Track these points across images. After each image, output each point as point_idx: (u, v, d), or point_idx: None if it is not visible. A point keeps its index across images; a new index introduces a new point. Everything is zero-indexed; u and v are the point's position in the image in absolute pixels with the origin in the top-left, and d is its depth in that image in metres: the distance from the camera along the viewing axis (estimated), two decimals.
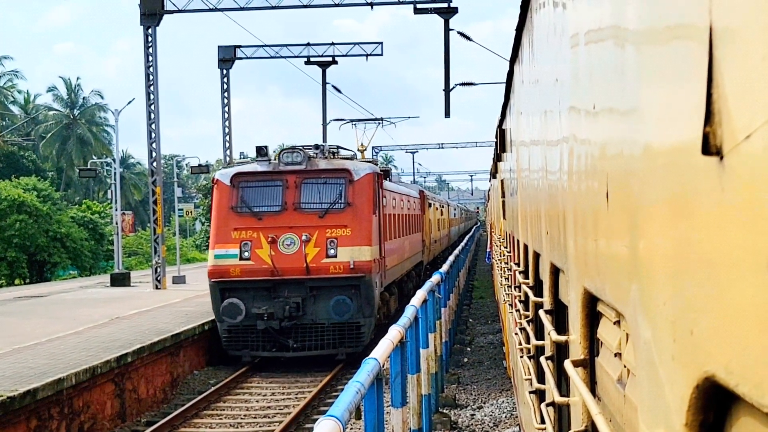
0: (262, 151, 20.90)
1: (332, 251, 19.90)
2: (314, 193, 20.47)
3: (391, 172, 31.24)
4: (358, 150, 29.47)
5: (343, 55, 41.66)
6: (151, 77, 31.85)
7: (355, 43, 41.58)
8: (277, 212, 20.23)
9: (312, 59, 42.10)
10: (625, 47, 1.75)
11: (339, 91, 42.24)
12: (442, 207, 52.45)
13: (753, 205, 0.96)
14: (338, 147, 23.03)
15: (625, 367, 2.11)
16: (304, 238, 19.79)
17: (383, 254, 21.94)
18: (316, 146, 21.57)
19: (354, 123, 32.86)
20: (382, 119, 35.65)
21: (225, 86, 40.68)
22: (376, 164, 25.72)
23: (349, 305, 19.87)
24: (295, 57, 41.33)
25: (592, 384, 2.65)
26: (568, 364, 2.63)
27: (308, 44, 41.56)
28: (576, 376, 2.46)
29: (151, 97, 31.82)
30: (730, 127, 1.02)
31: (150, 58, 31.82)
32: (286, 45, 41.70)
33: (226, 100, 40.78)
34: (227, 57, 40.06)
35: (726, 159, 1.04)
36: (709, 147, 1.07)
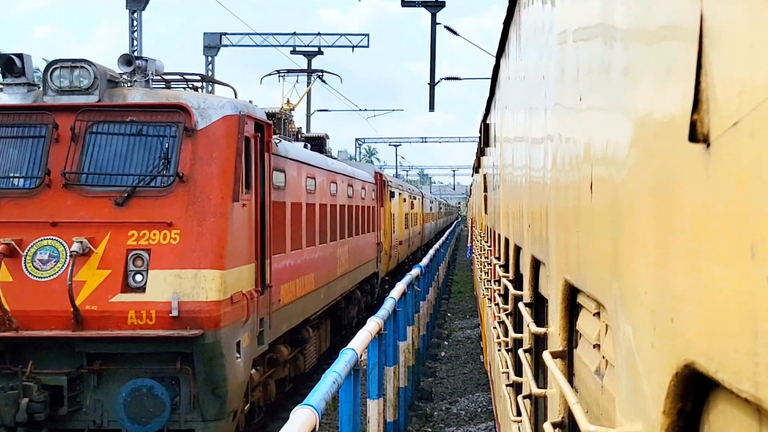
0: (12, 67, 10.67)
1: (137, 279, 9.80)
2: (111, 153, 10.36)
3: (326, 143, 22.10)
4: (284, 108, 19.07)
5: (329, 46, 41.59)
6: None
7: (341, 34, 41.52)
8: (27, 192, 10.13)
9: (298, 49, 41.99)
10: (613, 36, 1.76)
11: (324, 81, 42.16)
12: (413, 198, 43.03)
13: (738, 192, 0.97)
14: (182, 75, 12.98)
15: (603, 358, 2.12)
16: (76, 248, 9.68)
17: (268, 281, 11.85)
18: (128, 61, 11.14)
19: (281, 75, 23.41)
20: (322, 72, 27.04)
21: (210, 73, 40.53)
22: (288, 116, 17.72)
23: (160, 401, 9.61)
24: (281, 46, 41.23)
25: (569, 375, 2.67)
26: (546, 355, 2.65)
27: (294, 33, 41.47)
28: (554, 367, 2.48)
29: None
30: (717, 115, 1.03)
31: (135, 43, 31.66)
32: (272, 33, 41.59)
33: (211, 88, 40.63)
34: (213, 44, 39.90)
35: (713, 146, 1.05)
36: (696, 135, 1.08)
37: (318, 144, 21.07)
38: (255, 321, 11.23)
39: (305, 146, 17.80)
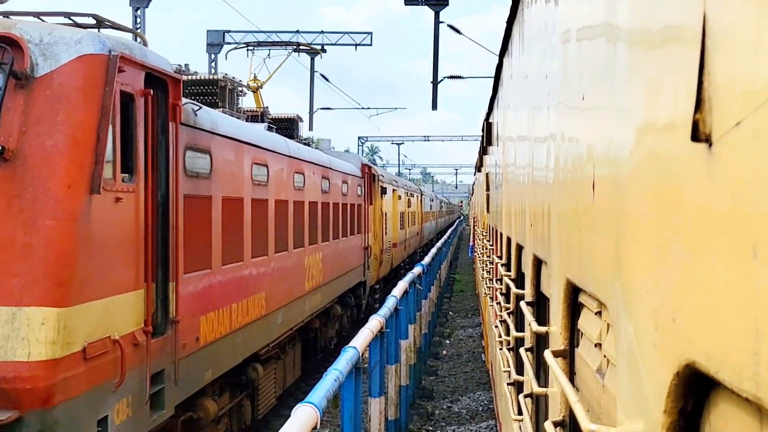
0: None
1: None
2: None
3: (299, 127, 18.09)
4: (249, 86, 16.81)
5: (332, 44, 41.61)
6: None
7: (344, 32, 41.51)
8: None
9: (301, 47, 42.00)
10: (616, 36, 1.76)
11: (327, 80, 42.20)
12: (410, 195, 39.01)
13: (740, 192, 0.97)
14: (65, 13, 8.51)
15: (605, 357, 2.12)
16: None
17: (173, 314, 8.37)
18: None
19: (250, 48, 20.27)
20: (298, 45, 24.30)
21: (213, 71, 40.52)
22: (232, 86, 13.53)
23: None
24: (284, 43, 41.23)
25: (571, 374, 2.67)
26: (548, 354, 2.65)
27: (297, 32, 41.50)
28: (556, 366, 2.48)
29: None
30: (720, 114, 1.03)
31: (138, 40, 31.65)
32: (275, 31, 41.61)
33: None
34: (216, 42, 39.92)
35: (715, 146, 1.05)
36: (699, 134, 1.08)
37: (287, 128, 16.94)
38: (144, 379, 7.50)
39: (270, 129, 14.36)
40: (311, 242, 15.75)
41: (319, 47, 41.94)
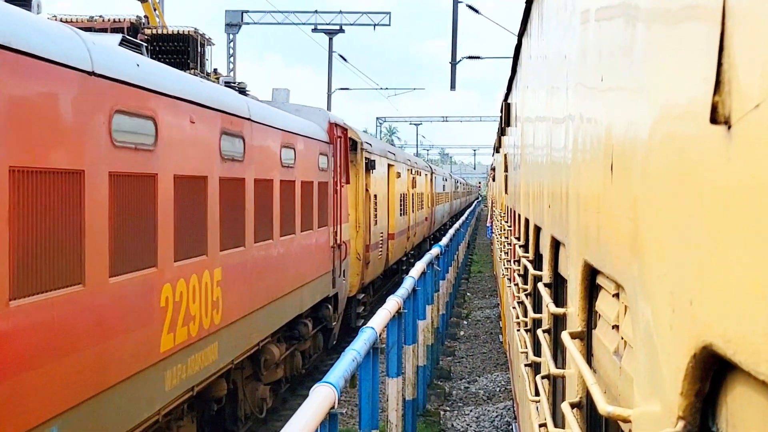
0: None
1: None
2: None
3: (202, 52, 12.57)
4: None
5: (350, 24, 41.49)
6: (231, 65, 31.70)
7: (362, 12, 41.38)
8: None
9: (319, 27, 41.93)
10: (635, 16, 1.75)
11: (345, 60, 42.15)
12: (416, 174, 32.42)
13: (759, 175, 0.97)
14: None
15: (622, 339, 2.12)
16: None
17: None
18: None
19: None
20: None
21: (231, 51, 40.55)
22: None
23: None
24: (303, 24, 41.17)
25: (588, 356, 2.67)
26: (565, 336, 2.65)
27: (316, 12, 41.39)
28: (573, 348, 2.48)
29: None
30: (739, 96, 1.03)
31: (157, 20, 31.66)
32: (294, 12, 41.54)
33: (232, 65, 40.65)
34: (234, 22, 39.89)
35: (734, 128, 1.05)
36: (717, 116, 1.08)
37: (176, 51, 11.86)
38: None
39: (135, 50, 8.53)
40: (209, 252, 9.30)
41: (337, 27, 41.91)
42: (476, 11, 27.94)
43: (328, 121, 16.19)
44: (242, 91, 12.28)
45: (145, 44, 9.48)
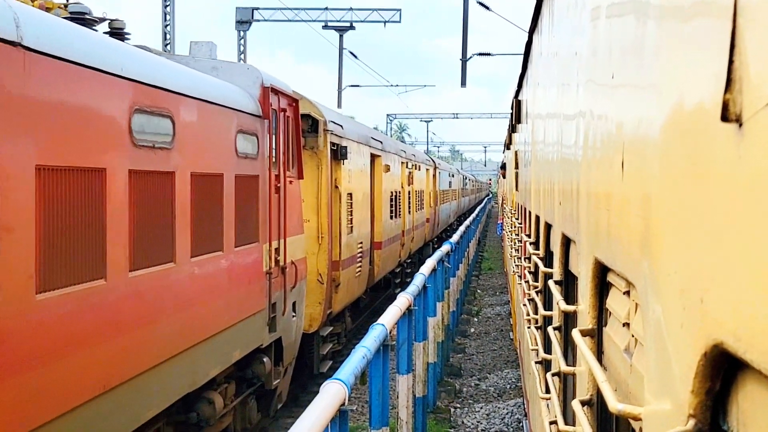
0: None
1: None
2: None
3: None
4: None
5: (361, 21, 41.47)
6: (168, 36, 31.80)
7: (373, 9, 41.37)
8: None
9: (330, 24, 41.92)
10: (646, 13, 1.75)
11: (355, 57, 42.16)
12: (414, 168, 27.18)
13: None
14: None
15: (632, 336, 2.12)
16: None
17: None
18: None
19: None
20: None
21: (242, 48, 40.59)
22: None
23: None
24: (313, 21, 41.17)
25: (598, 354, 2.67)
26: (576, 333, 2.65)
27: (326, 9, 41.40)
28: (583, 345, 2.48)
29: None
30: (750, 94, 1.02)
31: (168, 17, 31.75)
32: (304, 8, 41.55)
33: (242, 62, 40.68)
34: (245, 18, 39.91)
35: (745, 126, 1.04)
36: (728, 114, 1.08)
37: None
38: None
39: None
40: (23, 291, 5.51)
41: (347, 24, 41.89)
42: (487, 8, 27.90)
43: (261, 85, 10.54)
44: (117, 32, 8.22)
45: None
